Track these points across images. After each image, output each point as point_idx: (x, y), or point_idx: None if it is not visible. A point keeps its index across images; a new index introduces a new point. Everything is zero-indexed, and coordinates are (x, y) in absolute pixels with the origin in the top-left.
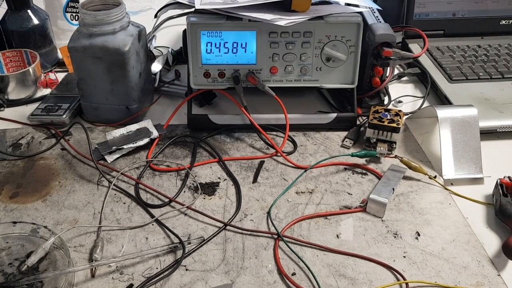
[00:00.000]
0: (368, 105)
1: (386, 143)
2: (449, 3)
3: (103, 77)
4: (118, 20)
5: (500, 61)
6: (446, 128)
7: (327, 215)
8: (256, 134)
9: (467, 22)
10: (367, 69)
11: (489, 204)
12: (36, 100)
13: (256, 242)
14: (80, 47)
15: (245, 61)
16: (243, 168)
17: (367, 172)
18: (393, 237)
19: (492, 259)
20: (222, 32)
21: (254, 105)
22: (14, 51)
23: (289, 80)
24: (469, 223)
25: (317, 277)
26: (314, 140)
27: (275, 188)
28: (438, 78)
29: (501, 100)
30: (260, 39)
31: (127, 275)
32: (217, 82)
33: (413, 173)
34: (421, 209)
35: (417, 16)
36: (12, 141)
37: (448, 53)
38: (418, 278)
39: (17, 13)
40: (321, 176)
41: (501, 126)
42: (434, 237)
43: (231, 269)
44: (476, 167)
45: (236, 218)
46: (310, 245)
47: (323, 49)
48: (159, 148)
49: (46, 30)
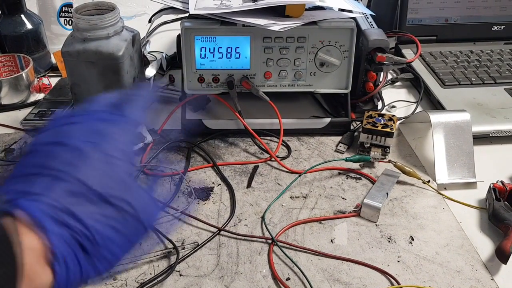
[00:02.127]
0: (361, 110)
1: (380, 148)
2: (442, 9)
3: (97, 82)
4: (112, 25)
5: (492, 66)
6: (439, 133)
7: (321, 220)
8: (250, 139)
9: (460, 28)
10: (360, 74)
11: (482, 209)
12: (29, 105)
13: (251, 247)
14: (73, 52)
15: (239, 66)
16: (237, 173)
17: (361, 177)
18: (387, 242)
19: (485, 263)
20: (216, 37)
21: (248, 110)
22: (7, 55)
23: (283, 85)
24: (463, 228)
25: (311, 282)
26: (308, 145)
27: (269, 193)
28: (431, 83)
29: (494, 105)
30: (254, 44)
31: (120, 280)
32: (211, 87)
33: (407, 178)
34: (415, 214)
35: (410, 22)
36: (4, 146)
37: (441, 59)
38: (412, 282)
39: (11, 17)
40: (315, 181)
41: (494, 131)
42: (428, 242)
43: (225, 274)
44: (469, 171)
45: (230, 223)
46: (305, 250)
47: (317, 54)
48: (153, 153)
49: (40, 34)
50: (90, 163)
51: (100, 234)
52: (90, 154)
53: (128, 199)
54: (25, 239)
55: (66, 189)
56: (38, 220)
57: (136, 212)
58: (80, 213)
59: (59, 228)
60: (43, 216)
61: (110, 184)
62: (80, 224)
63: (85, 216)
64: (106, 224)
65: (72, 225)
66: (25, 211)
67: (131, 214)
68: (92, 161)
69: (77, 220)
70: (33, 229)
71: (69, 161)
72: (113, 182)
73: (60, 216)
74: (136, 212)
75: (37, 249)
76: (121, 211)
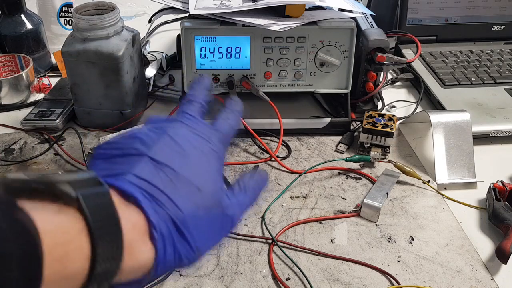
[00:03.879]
0: (361, 110)
1: (380, 148)
2: (442, 9)
3: (97, 82)
4: (112, 25)
5: (492, 66)
6: (439, 133)
7: (321, 220)
8: (250, 139)
9: (460, 28)
10: (360, 74)
11: (482, 209)
12: (29, 105)
13: (251, 247)
14: (73, 52)
15: (239, 66)
16: (237, 173)
17: (361, 176)
18: (387, 242)
19: (485, 263)
20: (216, 37)
21: (248, 110)
22: (7, 55)
23: (283, 85)
24: (463, 228)
25: (311, 282)
26: (308, 145)
27: (269, 193)
28: (431, 83)
29: (494, 105)
30: (254, 44)
31: None
32: (211, 87)
33: (407, 178)
34: (415, 214)
35: (410, 22)
36: (4, 146)
37: (441, 59)
38: (412, 282)
39: (11, 17)
40: (315, 181)
41: (494, 130)
42: (428, 242)
43: (225, 274)
44: (469, 171)
45: None
46: (305, 250)
47: (317, 54)
48: None
49: (40, 34)
50: (182, 152)
51: (192, 219)
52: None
53: (216, 191)
54: (126, 214)
55: (155, 170)
56: (133, 195)
57: (223, 207)
58: (172, 194)
59: (154, 205)
60: (137, 192)
61: (200, 174)
62: (173, 204)
63: (177, 197)
64: (197, 210)
65: (165, 204)
66: (118, 187)
67: (219, 206)
68: (184, 152)
69: (170, 200)
70: (129, 204)
71: (158, 145)
72: (203, 173)
73: (154, 193)
74: (223, 207)
75: (140, 225)
76: (211, 201)
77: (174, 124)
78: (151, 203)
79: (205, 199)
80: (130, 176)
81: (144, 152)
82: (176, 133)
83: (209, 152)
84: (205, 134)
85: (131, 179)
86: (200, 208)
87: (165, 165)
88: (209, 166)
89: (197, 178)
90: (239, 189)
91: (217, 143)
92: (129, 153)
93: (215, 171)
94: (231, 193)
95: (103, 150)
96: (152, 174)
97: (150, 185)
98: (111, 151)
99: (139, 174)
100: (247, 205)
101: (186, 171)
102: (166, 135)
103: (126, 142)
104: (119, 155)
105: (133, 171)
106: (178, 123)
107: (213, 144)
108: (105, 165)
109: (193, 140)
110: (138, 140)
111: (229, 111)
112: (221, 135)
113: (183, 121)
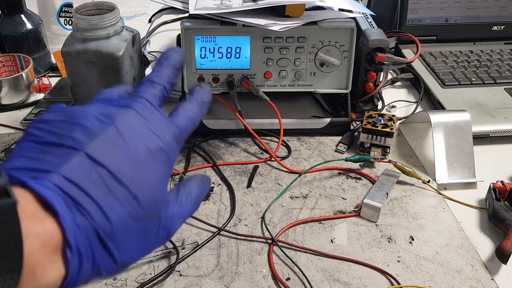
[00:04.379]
0: (361, 110)
1: (380, 148)
2: (442, 9)
3: (97, 82)
4: (112, 25)
5: (492, 66)
6: (439, 133)
7: (321, 220)
8: (250, 139)
9: (460, 28)
10: (360, 74)
11: (482, 209)
12: (29, 105)
13: (251, 247)
14: (73, 52)
15: (239, 66)
16: (237, 173)
17: (361, 177)
18: (387, 242)
19: (485, 263)
20: (216, 37)
21: (248, 110)
22: (7, 55)
23: (283, 85)
24: (463, 228)
25: (311, 282)
26: (308, 145)
27: (269, 193)
28: (431, 83)
29: (494, 105)
30: (254, 44)
31: (120, 280)
32: (211, 87)
33: (407, 178)
34: (415, 214)
35: (410, 22)
36: (4, 146)
37: (440, 59)
38: (412, 282)
39: (11, 17)
40: (315, 181)
41: (494, 130)
42: (428, 242)
43: (225, 274)
44: (469, 171)
45: (230, 223)
46: (305, 250)
47: (317, 54)
48: None
49: (40, 34)
50: (126, 150)
51: (122, 231)
52: (129, 142)
53: (156, 200)
54: (38, 229)
55: (88, 169)
56: (52, 204)
57: (161, 218)
58: (102, 201)
59: (75, 216)
60: (58, 199)
61: (141, 179)
62: (101, 213)
63: (107, 205)
64: (129, 221)
65: (91, 213)
66: (38, 192)
67: (156, 217)
68: (128, 150)
69: (98, 207)
70: (46, 216)
71: (99, 139)
72: (144, 179)
73: (80, 200)
74: (161, 218)
75: (54, 241)
76: (147, 212)
77: (126, 112)
78: (72, 214)
79: (141, 209)
80: (56, 176)
81: (80, 146)
82: (125, 125)
83: (158, 153)
84: (158, 129)
85: (57, 181)
86: (133, 219)
87: (102, 165)
88: (154, 170)
89: (136, 184)
90: (185, 196)
91: (170, 142)
92: (65, 143)
93: (160, 177)
94: (174, 200)
95: (38, 131)
96: (84, 175)
97: (78, 188)
98: (47, 135)
99: (67, 175)
100: (189, 215)
101: (124, 175)
102: (112, 127)
103: (66, 128)
104: (54, 143)
105: (61, 171)
106: (131, 112)
107: (165, 143)
108: (34, 154)
109: (143, 136)
110: (79, 127)
111: (193, 100)
112: (178, 130)
113: (137, 109)
